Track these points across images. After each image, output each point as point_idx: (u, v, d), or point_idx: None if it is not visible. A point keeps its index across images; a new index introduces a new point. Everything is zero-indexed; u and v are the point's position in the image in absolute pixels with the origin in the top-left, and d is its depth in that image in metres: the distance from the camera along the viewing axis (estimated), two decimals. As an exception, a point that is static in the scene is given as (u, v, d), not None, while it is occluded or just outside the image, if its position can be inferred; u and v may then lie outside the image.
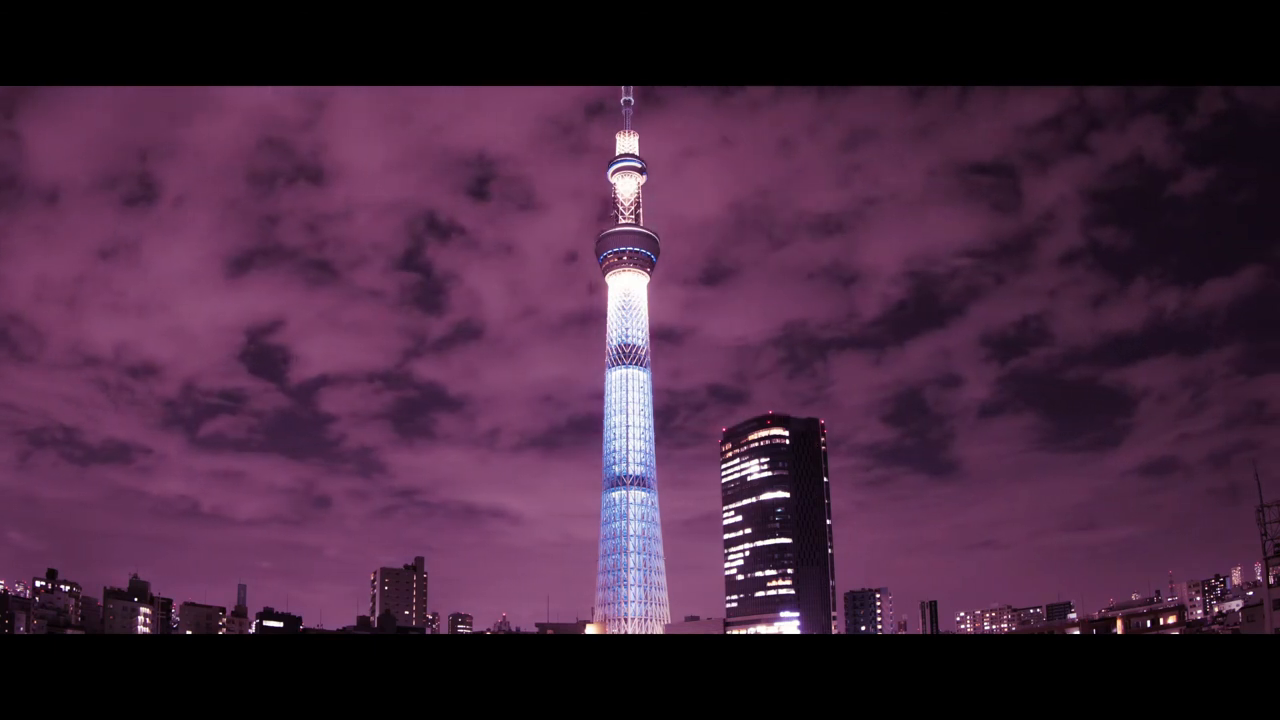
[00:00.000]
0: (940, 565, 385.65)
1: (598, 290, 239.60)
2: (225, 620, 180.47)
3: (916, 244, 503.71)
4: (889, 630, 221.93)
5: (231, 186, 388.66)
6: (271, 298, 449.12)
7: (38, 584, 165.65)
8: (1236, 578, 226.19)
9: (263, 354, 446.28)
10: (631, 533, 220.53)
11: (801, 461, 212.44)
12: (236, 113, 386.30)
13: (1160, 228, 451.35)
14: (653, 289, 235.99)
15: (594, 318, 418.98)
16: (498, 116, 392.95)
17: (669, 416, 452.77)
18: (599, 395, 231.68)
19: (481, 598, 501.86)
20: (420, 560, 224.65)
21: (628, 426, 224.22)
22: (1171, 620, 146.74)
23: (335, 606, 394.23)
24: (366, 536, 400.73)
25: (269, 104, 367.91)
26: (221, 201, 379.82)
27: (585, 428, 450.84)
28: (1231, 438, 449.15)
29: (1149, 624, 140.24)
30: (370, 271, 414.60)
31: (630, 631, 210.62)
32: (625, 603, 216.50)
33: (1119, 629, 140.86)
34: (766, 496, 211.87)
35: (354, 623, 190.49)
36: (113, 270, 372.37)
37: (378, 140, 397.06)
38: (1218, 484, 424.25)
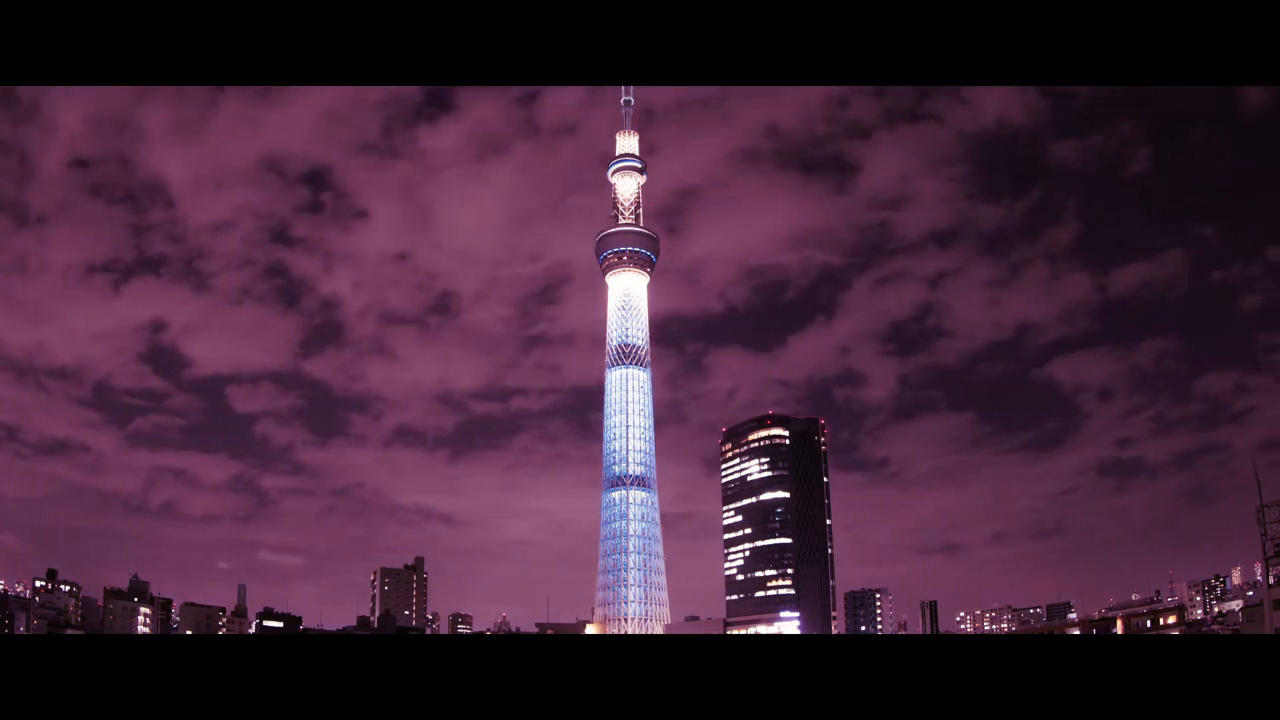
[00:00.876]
0: (940, 565, 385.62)
1: (595, 290, 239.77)
2: (225, 620, 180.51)
3: (751, 235, 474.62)
4: (889, 630, 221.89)
5: (84, 200, 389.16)
6: (154, 304, 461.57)
7: (38, 584, 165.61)
8: (1236, 578, 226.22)
9: (162, 356, 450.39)
10: (631, 533, 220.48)
11: (801, 461, 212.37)
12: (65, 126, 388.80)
13: (1047, 203, 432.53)
14: (652, 289, 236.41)
15: (443, 313, 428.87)
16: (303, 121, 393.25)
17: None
18: (492, 394, 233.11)
19: (482, 598, 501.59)
20: (420, 560, 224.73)
21: (628, 426, 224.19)
22: (1171, 620, 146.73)
23: (330, 606, 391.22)
24: (323, 534, 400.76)
25: (94, 114, 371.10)
26: (83, 217, 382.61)
27: (490, 428, 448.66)
28: (1189, 436, 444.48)
29: (1149, 624, 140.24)
30: (238, 276, 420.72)
31: (630, 631, 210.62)
32: (625, 603, 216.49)
33: (1119, 629, 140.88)
34: (766, 496, 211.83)
35: (354, 623, 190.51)
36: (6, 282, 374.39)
37: (206, 149, 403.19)
38: (1186, 484, 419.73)
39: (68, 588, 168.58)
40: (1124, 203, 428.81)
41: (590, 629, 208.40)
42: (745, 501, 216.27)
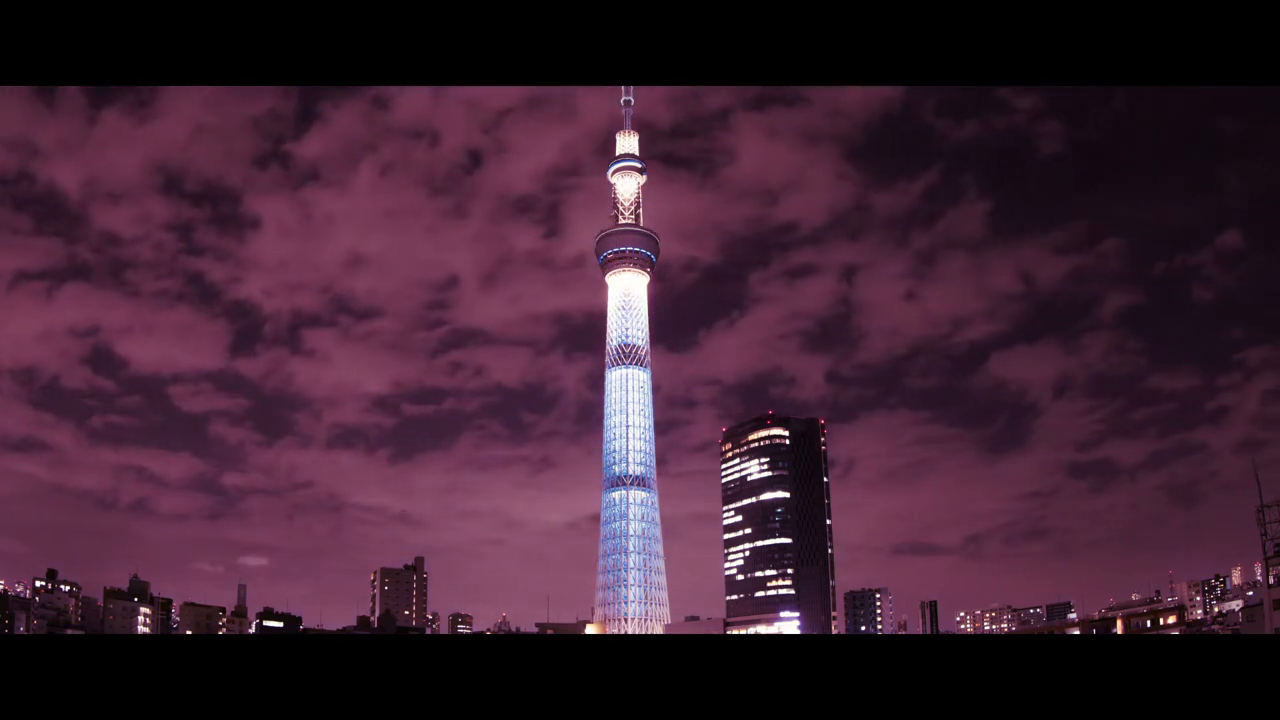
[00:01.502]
0: (940, 565, 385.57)
1: (599, 289, 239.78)
2: (225, 620, 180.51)
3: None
4: (889, 630, 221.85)
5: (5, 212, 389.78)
6: (86, 310, 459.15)
7: (38, 584, 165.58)
8: (1236, 578, 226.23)
9: (103, 359, 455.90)
10: (631, 533, 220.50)
11: (801, 461, 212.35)
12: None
13: (949, 186, 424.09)
14: (652, 289, 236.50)
15: (354, 314, 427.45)
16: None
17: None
18: (422, 395, 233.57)
19: (481, 598, 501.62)
20: (420, 560, 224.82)
21: (628, 426, 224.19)
22: (1171, 620, 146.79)
23: (330, 606, 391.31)
24: (295, 533, 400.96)
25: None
26: (9, 227, 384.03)
27: (432, 427, 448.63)
28: (1162, 436, 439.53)
29: (1149, 624, 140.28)
30: (162, 282, 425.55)
31: (630, 631, 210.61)
32: (625, 603, 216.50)
33: (1119, 629, 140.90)
34: (766, 496, 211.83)
35: (354, 623, 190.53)
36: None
37: (101, 161, 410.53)
38: (1166, 483, 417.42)
39: (68, 588, 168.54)
40: (1034, 184, 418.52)
41: (590, 629, 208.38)
42: (745, 501, 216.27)
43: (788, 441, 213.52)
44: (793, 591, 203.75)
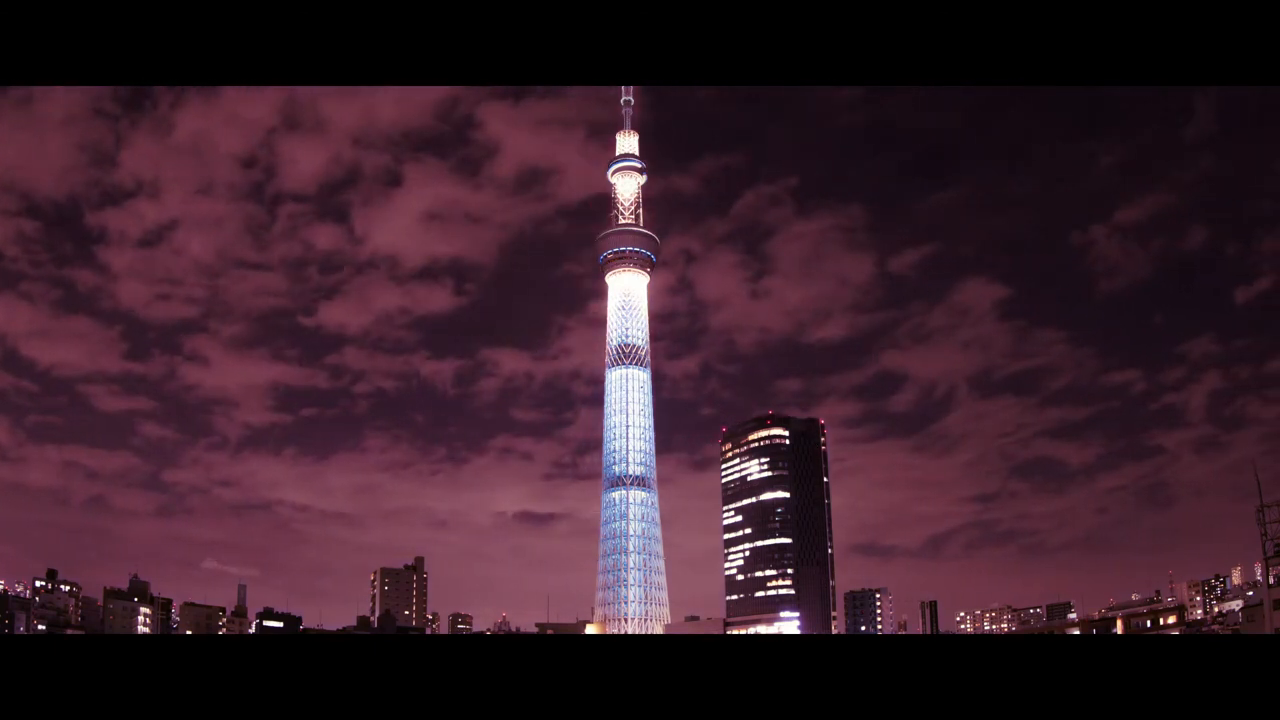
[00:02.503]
0: (940, 565, 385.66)
1: (600, 292, 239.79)
2: (225, 620, 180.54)
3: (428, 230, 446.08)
4: (889, 630, 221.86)
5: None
6: None
7: (38, 584, 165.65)
8: (1236, 578, 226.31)
9: (15, 361, 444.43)
10: (631, 533, 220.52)
11: (801, 461, 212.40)
12: None
13: (754, 168, 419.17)
14: (653, 288, 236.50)
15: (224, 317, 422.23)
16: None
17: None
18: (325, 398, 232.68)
19: (481, 598, 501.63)
20: (420, 560, 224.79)
21: (628, 426, 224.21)
22: (1171, 620, 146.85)
23: (330, 606, 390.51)
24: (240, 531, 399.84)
25: None
26: None
27: (348, 423, 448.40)
28: (1120, 438, 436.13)
29: (1149, 624, 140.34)
30: (51, 290, 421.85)
31: (630, 631, 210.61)
32: (625, 603, 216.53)
33: (1119, 629, 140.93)
34: (766, 496, 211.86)
35: (354, 623, 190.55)
36: None
37: None
38: (1119, 483, 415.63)
39: (68, 588, 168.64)
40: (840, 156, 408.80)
41: (590, 629, 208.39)
42: (745, 501, 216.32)
43: (788, 441, 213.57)
44: (793, 591, 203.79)
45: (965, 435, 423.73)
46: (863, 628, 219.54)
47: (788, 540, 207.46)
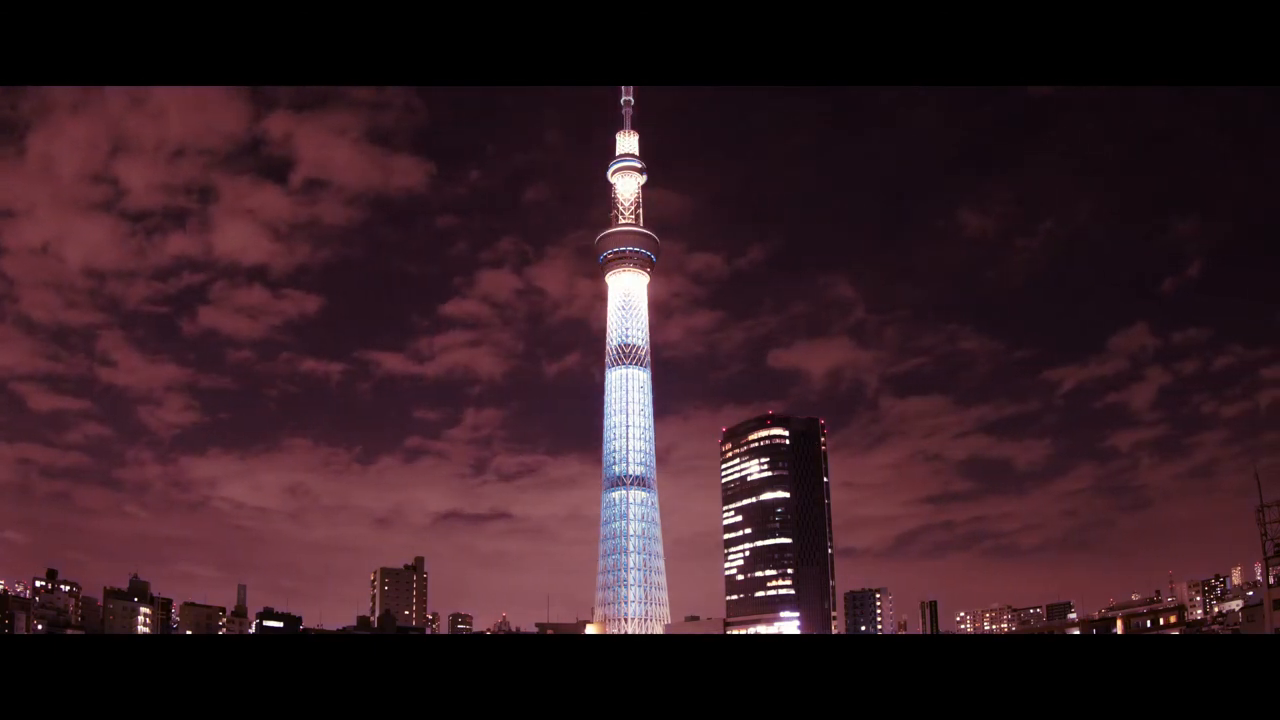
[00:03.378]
0: (940, 565, 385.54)
1: (600, 291, 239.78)
2: (225, 620, 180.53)
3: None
4: (889, 630, 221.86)
5: None
6: None
7: (38, 584, 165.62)
8: (1236, 578, 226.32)
9: None
10: (631, 533, 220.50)
11: (801, 461, 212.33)
12: None
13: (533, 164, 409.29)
14: (653, 289, 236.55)
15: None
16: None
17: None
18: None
19: (481, 598, 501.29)
20: (420, 560, 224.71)
21: (628, 426, 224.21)
22: (1171, 620, 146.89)
23: (330, 606, 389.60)
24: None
25: None
26: None
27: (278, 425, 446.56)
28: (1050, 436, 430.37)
29: (1149, 624, 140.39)
30: None
31: (630, 631, 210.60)
32: (625, 603, 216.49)
33: (1119, 629, 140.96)
34: (766, 496, 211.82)
35: (354, 623, 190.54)
36: None
37: None
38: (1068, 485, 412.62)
39: (68, 588, 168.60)
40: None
41: (590, 629, 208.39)
42: (745, 501, 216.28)
43: (788, 441, 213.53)
44: (793, 591, 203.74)
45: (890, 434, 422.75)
46: (863, 628, 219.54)
47: (788, 540, 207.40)
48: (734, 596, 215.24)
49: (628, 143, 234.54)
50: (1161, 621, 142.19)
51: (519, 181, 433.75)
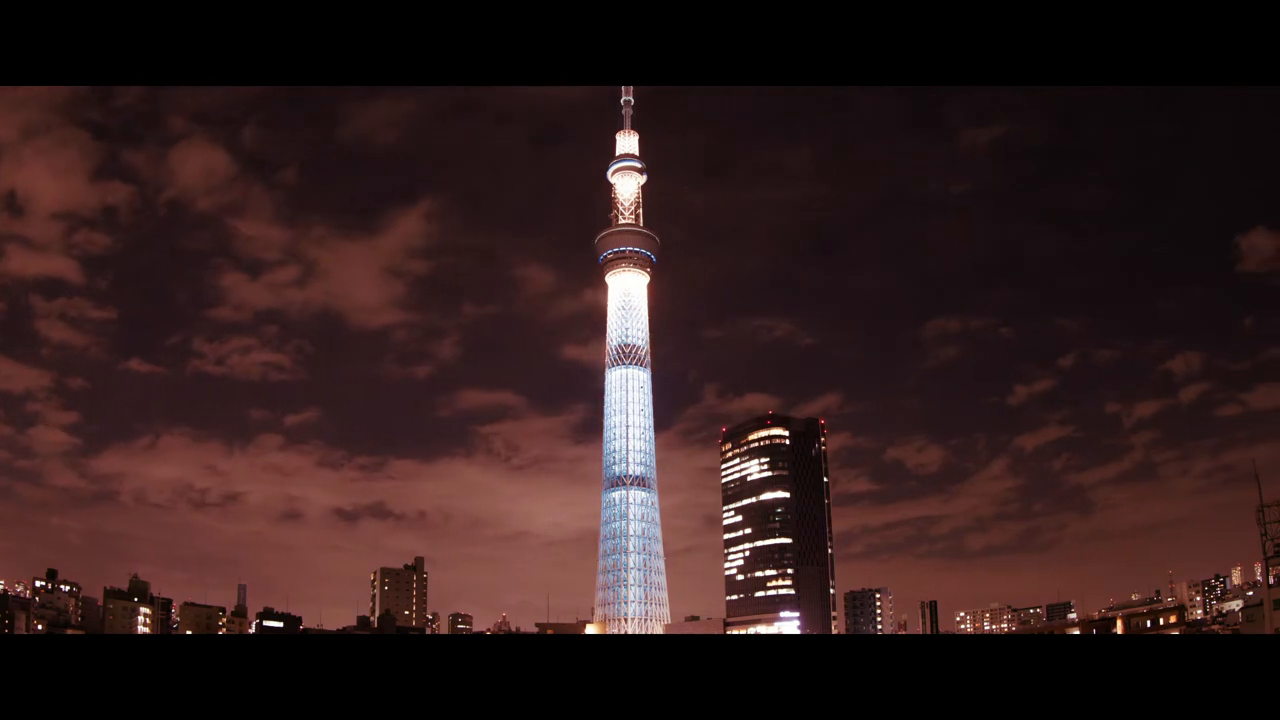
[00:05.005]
0: (940, 565, 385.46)
1: (599, 290, 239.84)
2: (225, 620, 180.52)
3: None
4: (889, 630, 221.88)
5: None
6: None
7: (38, 584, 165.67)
8: (1236, 578, 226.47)
9: None
10: (631, 533, 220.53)
11: (801, 461, 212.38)
12: None
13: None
14: (652, 288, 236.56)
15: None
16: None
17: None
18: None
19: (481, 598, 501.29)
20: (420, 560, 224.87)
21: (628, 427, 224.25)
22: (1171, 620, 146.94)
23: (330, 606, 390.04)
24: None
25: None
26: None
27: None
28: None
29: (1149, 624, 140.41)
30: None
31: (630, 631, 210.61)
32: (625, 603, 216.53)
33: (1119, 629, 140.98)
34: (766, 496, 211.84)
35: (354, 623, 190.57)
36: None
37: None
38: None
39: (68, 588, 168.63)
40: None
41: (590, 629, 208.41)
42: (745, 501, 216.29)
43: (788, 441, 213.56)
44: (793, 591, 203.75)
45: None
46: (863, 628, 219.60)
47: (788, 540, 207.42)
48: (734, 596, 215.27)
49: (628, 143, 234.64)
50: (1161, 621, 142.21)
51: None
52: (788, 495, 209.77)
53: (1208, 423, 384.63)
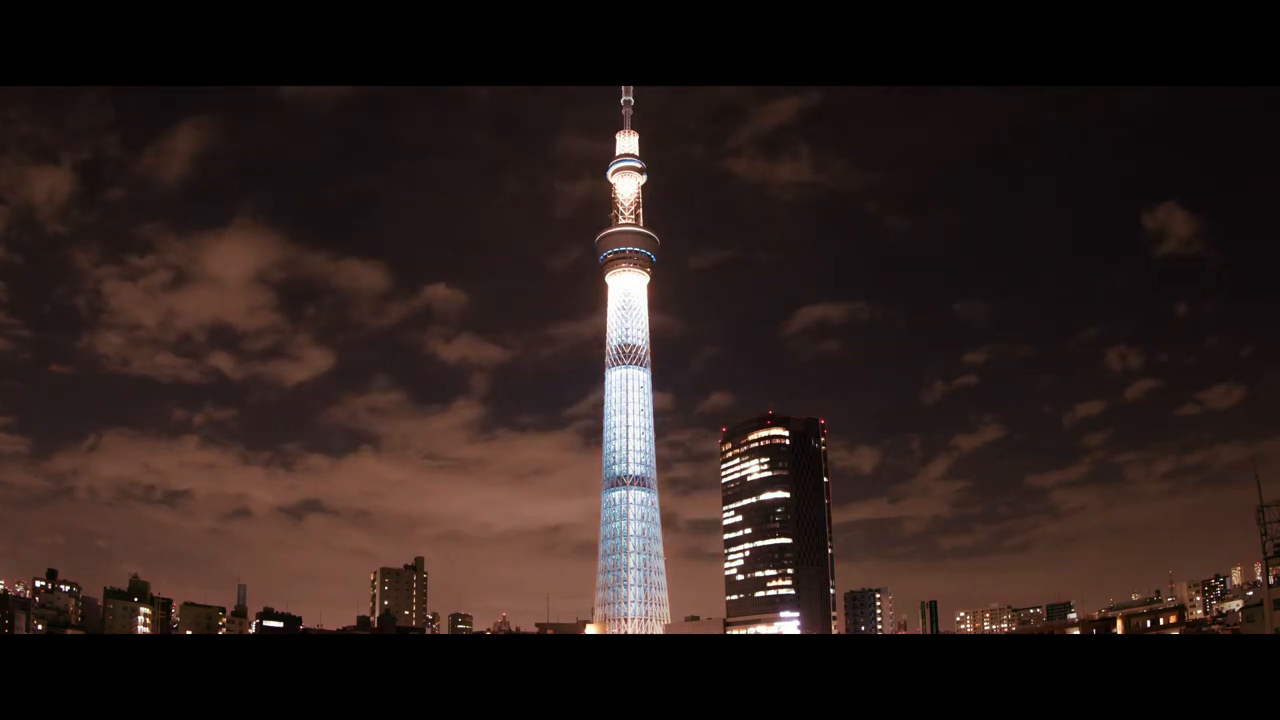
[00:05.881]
0: (940, 565, 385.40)
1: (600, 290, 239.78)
2: (225, 620, 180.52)
3: None
4: (889, 630, 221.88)
5: None
6: None
7: (38, 584, 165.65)
8: (1236, 578, 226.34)
9: None
10: (631, 533, 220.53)
11: (801, 461, 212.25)
12: None
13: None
14: (652, 289, 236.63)
15: None
16: None
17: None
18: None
19: (481, 598, 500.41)
20: (420, 560, 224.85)
21: (628, 426, 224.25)
22: (1171, 620, 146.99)
23: (330, 606, 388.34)
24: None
25: None
26: None
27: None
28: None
29: (1149, 624, 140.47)
30: None
31: (630, 631, 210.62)
32: (625, 603, 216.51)
33: (1119, 629, 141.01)
34: (766, 496, 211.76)
35: (354, 623, 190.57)
36: None
37: None
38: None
39: (68, 588, 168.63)
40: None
41: (590, 629, 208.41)
42: (745, 501, 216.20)
43: (788, 441, 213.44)
44: (793, 591, 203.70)
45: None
46: (862, 628, 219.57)
47: (788, 540, 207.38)
48: (734, 596, 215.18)
49: (628, 143, 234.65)
50: (1161, 621, 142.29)
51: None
52: (788, 495, 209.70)
53: (1165, 423, 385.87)
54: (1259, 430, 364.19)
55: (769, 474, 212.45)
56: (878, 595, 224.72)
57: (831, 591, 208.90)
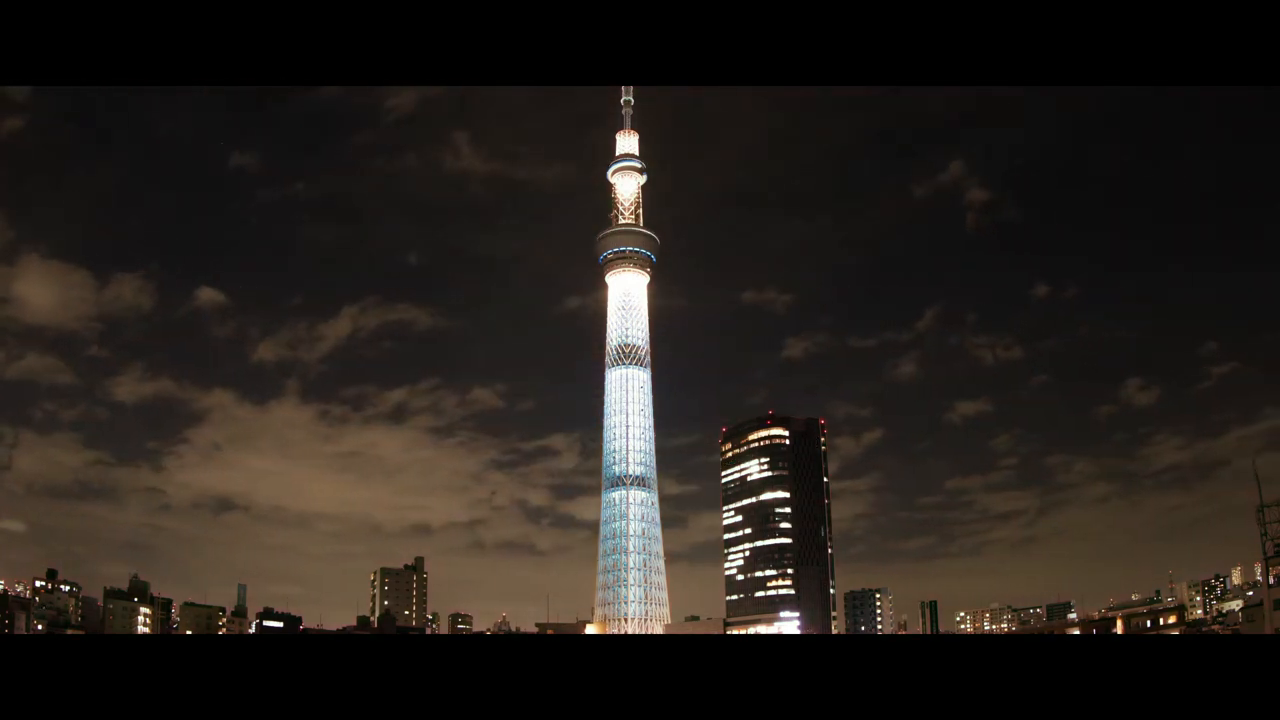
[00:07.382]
0: (940, 565, 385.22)
1: (599, 290, 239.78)
2: (225, 620, 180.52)
3: None
4: (889, 630, 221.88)
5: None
6: None
7: (38, 584, 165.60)
8: (1236, 578, 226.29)
9: None
10: (631, 533, 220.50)
11: (801, 461, 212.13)
12: None
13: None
14: (652, 289, 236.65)
15: None
16: None
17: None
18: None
19: (481, 598, 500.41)
20: (420, 560, 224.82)
21: (628, 427, 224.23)
22: (1171, 620, 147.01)
23: (330, 606, 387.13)
24: None
25: None
26: None
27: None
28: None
29: (1149, 624, 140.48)
30: None
31: (630, 631, 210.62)
32: (625, 603, 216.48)
33: (1119, 629, 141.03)
34: (766, 496, 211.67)
35: (354, 623, 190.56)
36: None
37: None
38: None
39: (68, 588, 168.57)
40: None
41: (590, 629, 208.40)
42: (745, 501, 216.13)
43: (788, 441, 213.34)
44: (793, 591, 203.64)
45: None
46: (862, 628, 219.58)
47: (788, 540, 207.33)
48: (734, 596, 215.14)
49: (628, 143, 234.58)
50: (1161, 621, 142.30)
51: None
52: (788, 495, 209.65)
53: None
54: (1247, 426, 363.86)
55: (769, 474, 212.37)
56: (878, 595, 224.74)
57: (831, 591, 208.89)
